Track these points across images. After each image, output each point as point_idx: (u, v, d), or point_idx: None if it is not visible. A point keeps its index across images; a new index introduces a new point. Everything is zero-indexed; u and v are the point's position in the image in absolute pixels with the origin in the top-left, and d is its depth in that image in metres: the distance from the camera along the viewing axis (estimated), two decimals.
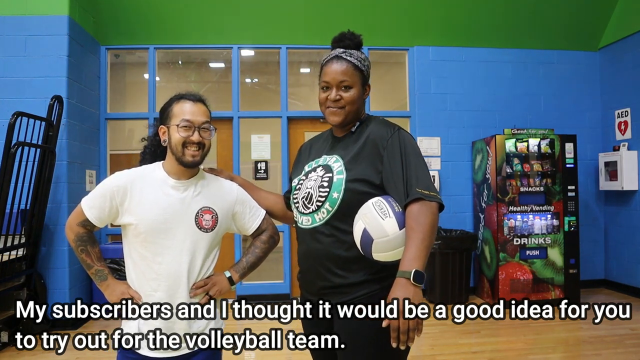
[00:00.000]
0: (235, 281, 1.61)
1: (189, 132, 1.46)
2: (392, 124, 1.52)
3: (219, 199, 1.56)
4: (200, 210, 1.50)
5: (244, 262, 1.64)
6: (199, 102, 1.52)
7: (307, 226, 1.51)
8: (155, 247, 1.46)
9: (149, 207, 1.45)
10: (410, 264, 1.27)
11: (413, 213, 1.33)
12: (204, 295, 1.52)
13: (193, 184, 1.53)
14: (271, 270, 5.17)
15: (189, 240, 1.48)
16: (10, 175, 3.47)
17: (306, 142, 1.77)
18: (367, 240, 1.35)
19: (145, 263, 1.47)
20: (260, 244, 1.66)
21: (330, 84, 1.51)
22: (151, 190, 1.48)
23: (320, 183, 1.48)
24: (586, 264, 5.21)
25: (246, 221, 1.63)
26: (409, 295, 1.24)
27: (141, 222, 1.45)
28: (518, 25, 5.20)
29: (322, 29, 4.90)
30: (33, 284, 3.90)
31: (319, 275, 1.48)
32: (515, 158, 4.70)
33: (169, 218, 1.46)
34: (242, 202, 1.62)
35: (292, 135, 5.24)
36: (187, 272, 1.48)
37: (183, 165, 1.48)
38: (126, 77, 5.55)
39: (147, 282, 1.47)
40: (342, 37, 1.56)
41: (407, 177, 1.39)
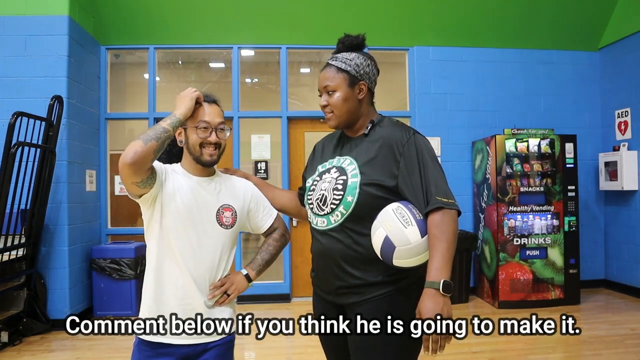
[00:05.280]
0: (253, 278, 1.62)
1: (206, 134, 1.51)
2: (407, 127, 1.52)
3: (236, 197, 1.60)
4: (221, 207, 1.55)
5: (259, 259, 1.66)
6: (214, 103, 1.57)
7: (322, 228, 1.51)
8: (176, 244, 1.47)
9: (178, 196, 1.48)
10: (438, 274, 1.30)
11: (436, 222, 1.34)
12: (223, 294, 1.54)
13: (213, 182, 1.58)
14: (271, 270, 5.13)
15: (210, 237, 1.52)
16: (10, 175, 3.47)
17: (320, 141, 1.77)
18: (388, 247, 1.36)
19: (169, 259, 1.48)
20: (273, 242, 1.69)
21: (320, 92, 1.56)
22: (181, 180, 1.53)
23: (335, 185, 1.48)
24: (586, 264, 5.21)
25: (260, 219, 1.66)
26: (439, 305, 1.27)
27: (167, 213, 1.46)
28: (518, 25, 5.20)
29: (322, 29, 4.91)
30: (33, 284, 3.90)
31: (335, 275, 1.49)
32: (515, 158, 4.70)
33: (191, 213, 1.49)
34: (257, 201, 1.66)
35: (292, 135, 5.24)
36: (209, 270, 1.51)
37: (201, 165, 1.53)
38: (126, 77, 5.55)
39: (172, 277, 1.48)
40: (337, 42, 1.59)
41: (426, 184, 1.40)
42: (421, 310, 1.29)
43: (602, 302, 4.81)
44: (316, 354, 1.72)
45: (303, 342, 3.59)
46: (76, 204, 4.27)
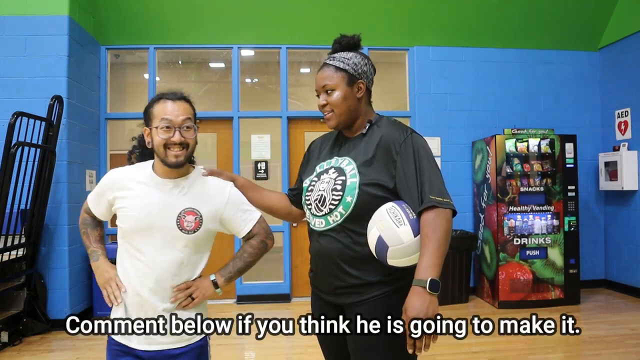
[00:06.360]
0: (220, 285, 1.54)
1: (169, 134, 1.42)
2: (404, 126, 1.52)
3: (206, 200, 1.51)
4: (183, 211, 1.46)
5: (230, 266, 1.57)
6: (180, 100, 1.47)
7: (321, 228, 1.51)
8: (137, 246, 1.46)
9: (131, 205, 1.46)
10: (426, 272, 1.30)
11: (428, 221, 1.34)
12: (187, 298, 1.48)
13: (180, 184, 1.49)
14: (271, 270, 5.17)
15: (169, 242, 1.45)
16: (10, 175, 3.47)
17: (316, 140, 1.76)
18: (382, 247, 1.37)
19: (129, 262, 1.48)
20: (249, 249, 1.59)
21: (317, 91, 1.56)
22: (136, 189, 1.47)
23: (334, 186, 1.48)
24: (586, 264, 5.21)
25: (238, 224, 1.56)
26: (425, 304, 1.27)
27: (124, 220, 1.46)
28: (518, 25, 5.20)
29: (322, 29, 4.90)
30: (33, 284, 3.90)
31: (334, 275, 1.49)
32: (515, 158, 4.70)
33: (148, 218, 1.44)
34: (234, 204, 1.55)
35: (292, 135, 5.24)
36: (169, 274, 1.45)
37: (167, 166, 1.46)
38: (126, 77, 5.55)
39: (129, 282, 1.47)
40: (333, 43, 1.59)
41: (421, 183, 1.40)
42: (407, 308, 1.29)
43: (602, 302, 4.81)
44: (316, 354, 1.72)
45: (303, 342, 3.59)
46: (76, 204, 4.26)
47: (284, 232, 5.05)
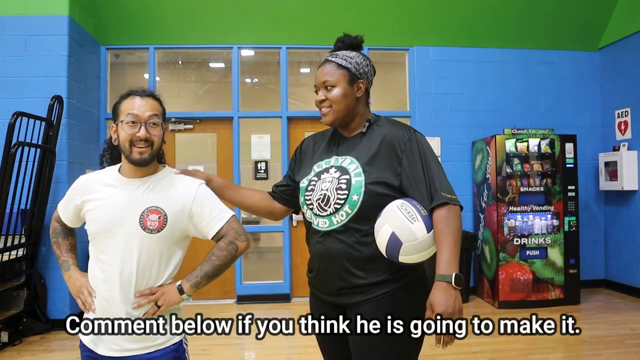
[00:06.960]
0: (186, 291, 1.43)
1: (134, 129, 1.39)
2: (406, 125, 1.54)
3: (172, 198, 1.44)
4: (146, 210, 1.41)
5: (198, 270, 1.46)
6: (148, 96, 1.45)
7: (324, 228, 1.49)
8: (102, 248, 1.42)
9: (97, 207, 1.44)
10: (449, 267, 1.31)
11: (442, 217, 1.36)
12: (152, 305, 1.42)
13: (145, 183, 1.45)
14: (271, 270, 5.17)
15: (133, 242, 1.40)
16: (10, 175, 3.47)
17: (307, 139, 1.74)
18: (395, 243, 1.36)
19: (97, 265, 1.45)
20: (217, 251, 1.46)
21: (317, 87, 1.56)
22: (103, 192, 1.45)
23: (338, 185, 1.47)
24: (586, 264, 5.21)
25: (205, 224, 1.47)
26: (451, 298, 1.28)
27: (91, 223, 1.45)
28: (518, 25, 5.20)
29: (322, 29, 4.91)
30: (33, 284, 3.90)
31: (337, 275, 1.47)
32: (515, 158, 4.70)
33: (111, 219, 1.40)
34: (202, 203, 1.47)
35: (292, 135, 5.24)
36: (134, 277, 1.40)
37: (132, 164, 1.42)
38: (126, 77, 5.55)
39: (97, 287, 1.44)
40: (336, 41, 1.59)
41: (430, 181, 1.41)
42: (433, 303, 1.29)
43: (602, 302, 4.81)
44: (316, 354, 1.71)
45: (303, 342, 3.59)
46: None
47: (284, 232, 5.05)
